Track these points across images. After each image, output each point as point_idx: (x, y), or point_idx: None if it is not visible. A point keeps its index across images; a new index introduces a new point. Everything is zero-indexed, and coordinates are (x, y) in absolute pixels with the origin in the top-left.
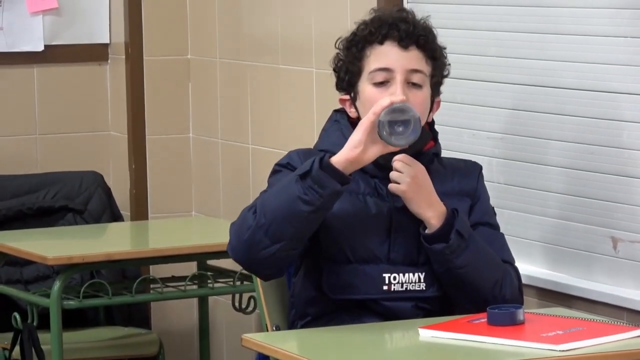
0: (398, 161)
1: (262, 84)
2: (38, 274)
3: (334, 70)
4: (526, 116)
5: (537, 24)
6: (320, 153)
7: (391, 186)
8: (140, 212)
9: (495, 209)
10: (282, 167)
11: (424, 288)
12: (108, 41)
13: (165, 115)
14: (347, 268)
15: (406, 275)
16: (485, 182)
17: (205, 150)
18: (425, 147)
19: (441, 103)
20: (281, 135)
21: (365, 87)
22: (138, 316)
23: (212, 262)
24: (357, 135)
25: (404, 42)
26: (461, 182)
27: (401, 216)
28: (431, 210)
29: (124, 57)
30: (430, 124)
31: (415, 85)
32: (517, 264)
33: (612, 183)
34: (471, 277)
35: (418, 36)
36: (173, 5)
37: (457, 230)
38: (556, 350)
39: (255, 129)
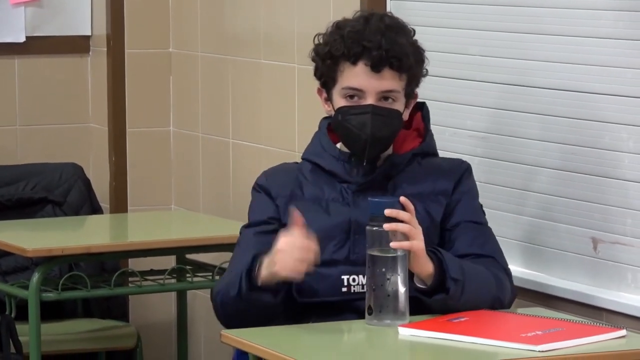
0: (408, 215)
1: (243, 79)
2: (16, 265)
3: (313, 60)
4: (508, 115)
5: (520, 23)
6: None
7: (402, 244)
8: (119, 204)
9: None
10: (257, 191)
11: None
12: (89, 33)
13: (146, 108)
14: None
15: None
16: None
17: (186, 144)
18: (406, 148)
19: (425, 102)
20: (262, 130)
21: (337, 98)
22: (116, 309)
23: (191, 256)
24: (272, 257)
25: (376, 67)
26: (436, 182)
27: (361, 218)
28: (428, 264)
29: (105, 49)
30: (426, 124)
31: (388, 99)
32: None
33: (593, 184)
34: (471, 306)
35: (391, 60)
36: None
37: (451, 277)
38: (535, 351)
39: (236, 123)
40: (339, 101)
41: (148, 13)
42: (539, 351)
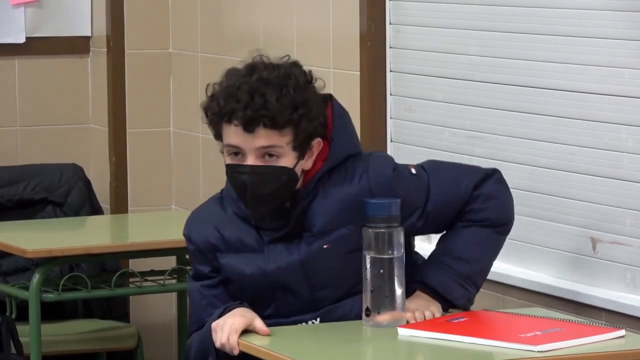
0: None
1: None
2: (17, 266)
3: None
4: (507, 116)
5: (518, 23)
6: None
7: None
8: (120, 205)
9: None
10: (187, 240)
11: None
12: (89, 34)
13: (146, 109)
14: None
15: (299, 326)
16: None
17: (186, 144)
18: (309, 176)
19: (417, 101)
20: None
21: (225, 153)
22: (117, 309)
23: None
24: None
25: (247, 127)
26: (348, 202)
27: (279, 272)
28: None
29: (105, 50)
30: (335, 126)
31: (272, 156)
32: (496, 263)
33: (592, 184)
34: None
35: (263, 119)
36: None
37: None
38: (534, 351)
39: None
40: (226, 157)
41: (148, 14)
42: (538, 351)
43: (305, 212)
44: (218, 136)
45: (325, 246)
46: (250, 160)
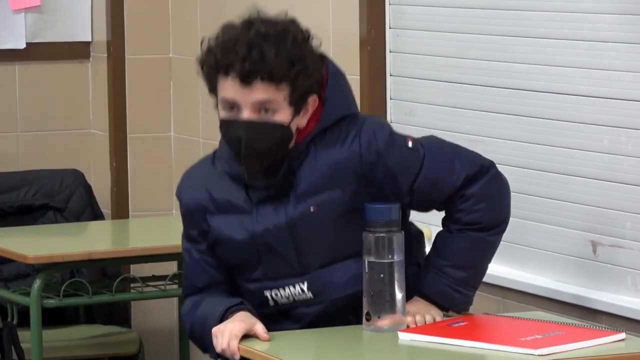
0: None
1: None
2: (18, 272)
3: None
4: (507, 119)
5: (519, 27)
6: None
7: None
8: (121, 210)
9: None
10: (179, 200)
11: (312, 296)
12: (90, 39)
13: (147, 114)
14: (242, 286)
15: (287, 289)
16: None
17: (187, 149)
18: (301, 137)
19: (417, 105)
20: None
21: (220, 108)
22: (118, 315)
23: None
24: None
25: (244, 80)
26: (340, 169)
27: (266, 234)
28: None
29: (105, 55)
30: (330, 87)
31: (268, 110)
32: (494, 266)
33: (593, 187)
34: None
35: (260, 73)
36: (155, 3)
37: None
38: (535, 355)
39: None
40: (221, 112)
41: (148, 19)
42: (538, 355)
43: (294, 173)
44: (213, 90)
45: (312, 208)
46: (246, 115)
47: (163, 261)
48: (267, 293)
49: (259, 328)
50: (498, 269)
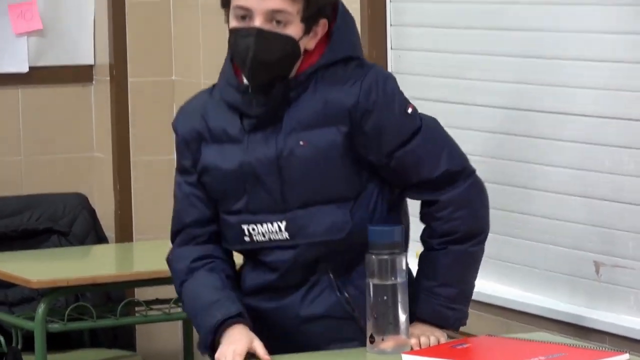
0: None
1: None
2: (23, 296)
3: None
4: (507, 139)
5: (519, 47)
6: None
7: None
8: (125, 233)
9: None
10: (175, 131)
11: (287, 237)
12: (92, 62)
13: (150, 137)
14: (222, 218)
15: (264, 225)
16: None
17: None
18: (304, 67)
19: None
20: None
21: (231, 18)
22: (123, 338)
23: None
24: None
25: None
26: (335, 102)
27: (255, 164)
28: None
29: (108, 78)
30: (338, 24)
31: (280, 22)
32: (497, 286)
33: (595, 207)
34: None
35: None
36: (157, 26)
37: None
38: None
39: None
40: (232, 21)
41: (150, 41)
42: None
43: (290, 104)
44: (226, 3)
45: (301, 142)
46: (258, 22)
47: (167, 284)
48: (245, 227)
49: (258, 346)
50: (501, 290)
